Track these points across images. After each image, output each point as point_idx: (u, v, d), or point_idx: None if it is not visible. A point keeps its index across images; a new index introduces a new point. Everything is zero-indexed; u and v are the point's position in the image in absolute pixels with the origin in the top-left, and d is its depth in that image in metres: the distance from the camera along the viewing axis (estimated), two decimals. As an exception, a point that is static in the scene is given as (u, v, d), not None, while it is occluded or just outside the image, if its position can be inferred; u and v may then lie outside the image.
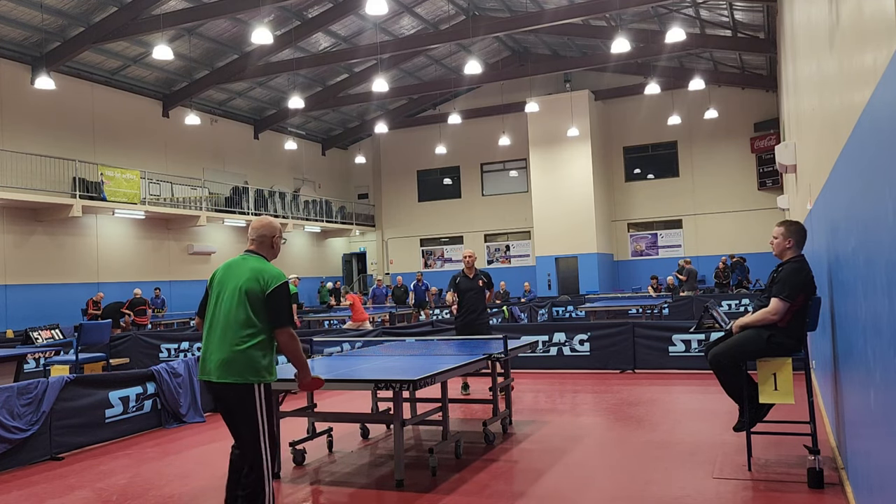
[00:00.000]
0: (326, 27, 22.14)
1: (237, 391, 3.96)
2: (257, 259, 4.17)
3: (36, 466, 6.45)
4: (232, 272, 4.12)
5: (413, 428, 7.42)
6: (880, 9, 2.43)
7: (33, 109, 19.77)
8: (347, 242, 34.03)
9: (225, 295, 4.06)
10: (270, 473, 4.04)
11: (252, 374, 3.97)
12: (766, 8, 18.68)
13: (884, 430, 2.76)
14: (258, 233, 4.25)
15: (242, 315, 3.98)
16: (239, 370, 3.95)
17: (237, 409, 4.00)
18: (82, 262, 20.67)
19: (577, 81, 28.70)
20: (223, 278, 4.13)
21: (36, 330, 15.18)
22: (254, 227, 4.28)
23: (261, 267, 4.09)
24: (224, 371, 3.95)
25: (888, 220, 2.45)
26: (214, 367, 3.98)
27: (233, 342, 3.96)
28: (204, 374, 4.06)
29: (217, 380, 3.97)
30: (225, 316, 4.01)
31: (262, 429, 4.01)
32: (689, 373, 10.28)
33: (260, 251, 4.24)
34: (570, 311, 20.67)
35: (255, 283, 4.01)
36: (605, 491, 5.10)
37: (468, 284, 9.24)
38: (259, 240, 4.24)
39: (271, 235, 4.26)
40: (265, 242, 4.25)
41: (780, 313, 4.95)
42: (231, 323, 3.99)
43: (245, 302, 3.99)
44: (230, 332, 3.98)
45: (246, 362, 3.96)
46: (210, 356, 4.02)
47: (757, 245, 25.50)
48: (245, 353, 3.96)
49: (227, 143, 26.82)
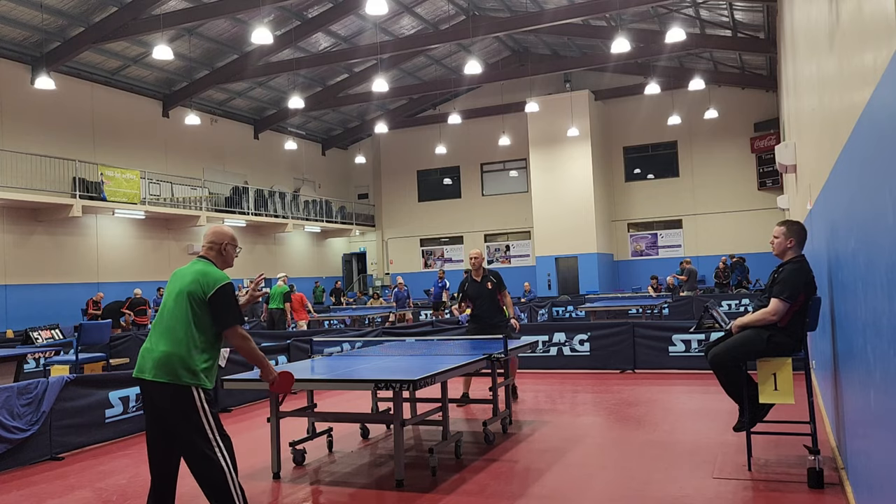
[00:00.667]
0: (326, 27, 22.14)
1: (172, 392, 3.85)
2: (203, 263, 4.14)
3: (36, 466, 6.45)
4: (177, 277, 4.11)
5: (413, 428, 7.42)
6: (880, 9, 2.43)
7: (33, 109, 19.77)
8: (347, 242, 34.03)
9: (169, 299, 4.02)
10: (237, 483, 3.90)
11: (188, 376, 3.87)
12: (766, 8, 18.68)
13: (884, 430, 2.76)
14: (208, 239, 4.24)
15: (182, 317, 3.93)
16: (174, 370, 3.85)
17: (173, 412, 3.86)
18: (82, 262, 20.67)
19: (577, 81, 28.70)
20: (170, 284, 4.12)
21: (36, 330, 15.17)
22: (205, 234, 4.30)
23: (204, 270, 4.05)
24: (159, 370, 3.86)
25: (888, 220, 2.45)
26: (150, 366, 3.89)
27: (171, 343, 3.89)
28: (139, 371, 3.96)
29: (151, 378, 3.86)
30: (167, 319, 3.97)
31: (211, 433, 3.88)
32: (689, 373, 10.27)
33: (208, 257, 4.20)
34: (570, 311, 20.67)
35: (196, 286, 3.97)
36: (605, 491, 5.10)
37: (477, 290, 8.47)
38: (208, 246, 4.23)
39: (220, 243, 4.21)
40: (213, 249, 4.21)
41: (780, 314, 4.95)
42: (172, 325, 3.93)
43: (185, 305, 3.94)
44: (169, 333, 3.92)
45: (181, 363, 3.86)
46: (147, 355, 3.95)
47: (757, 245, 25.50)
48: (181, 355, 3.88)
49: (227, 143, 26.82)
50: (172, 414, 3.87)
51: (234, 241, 4.29)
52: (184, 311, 3.95)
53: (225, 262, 4.25)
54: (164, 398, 3.87)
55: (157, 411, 3.92)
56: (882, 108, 2.45)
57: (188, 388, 3.86)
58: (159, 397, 3.88)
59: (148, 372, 3.90)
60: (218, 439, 3.91)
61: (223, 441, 3.94)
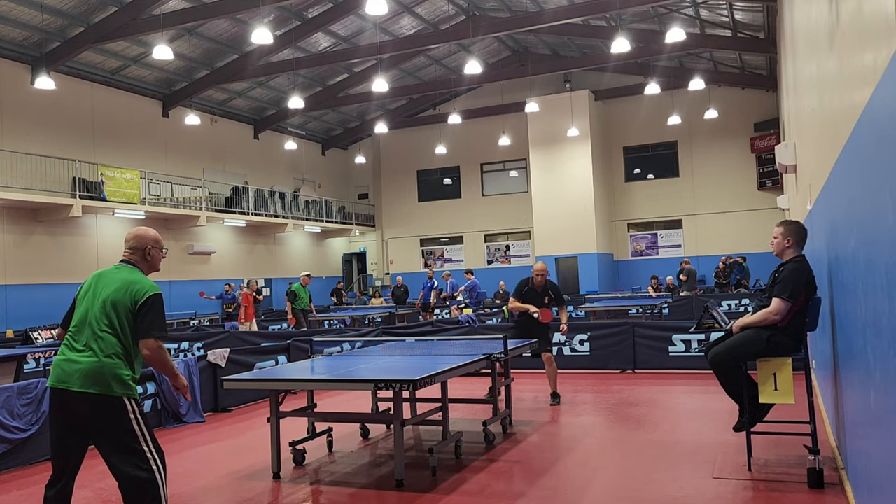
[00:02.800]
0: (326, 27, 22.14)
1: (102, 404, 3.71)
2: (129, 270, 4.01)
3: (36, 466, 6.45)
4: (103, 282, 3.95)
5: (413, 428, 7.42)
6: (880, 9, 2.43)
7: (33, 109, 19.76)
8: (347, 242, 34.03)
9: (93, 305, 3.87)
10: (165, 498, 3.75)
11: (119, 387, 3.76)
12: (766, 8, 18.67)
13: (884, 430, 2.76)
14: (130, 244, 4.10)
15: (110, 327, 3.81)
16: (105, 381, 3.72)
17: (103, 423, 3.72)
18: (82, 262, 20.66)
19: (577, 81, 28.70)
20: (94, 288, 3.94)
21: (36, 330, 15.19)
22: (128, 238, 4.13)
23: (132, 279, 3.93)
24: (87, 381, 3.70)
25: (888, 220, 2.45)
26: (77, 377, 3.71)
27: (100, 353, 3.76)
28: (60, 382, 3.74)
29: (78, 389, 3.69)
30: (91, 326, 3.82)
31: (145, 443, 3.76)
32: (689, 373, 10.28)
33: (132, 262, 4.08)
34: (570, 312, 20.66)
35: (124, 296, 3.86)
36: (605, 491, 5.10)
37: (533, 299, 8.46)
38: (130, 251, 4.09)
39: (143, 247, 4.08)
40: (136, 253, 4.09)
41: (783, 313, 4.96)
42: (98, 333, 3.79)
43: (113, 314, 3.83)
44: (96, 342, 3.78)
45: (112, 374, 3.75)
46: (69, 365, 3.75)
47: (757, 245, 25.49)
48: (112, 366, 3.76)
49: (227, 143, 26.82)
50: (101, 425, 3.73)
51: (158, 243, 4.16)
52: (112, 321, 3.83)
53: (151, 267, 4.13)
54: (94, 409, 3.72)
55: (78, 421, 3.75)
56: (882, 108, 2.45)
57: (120, 399, 3.75)
58: (86, 408, 3.71)
59: (74, 383, 3.71)
60: (152, 449, 3.78)
61: (158, 453, 3.80)
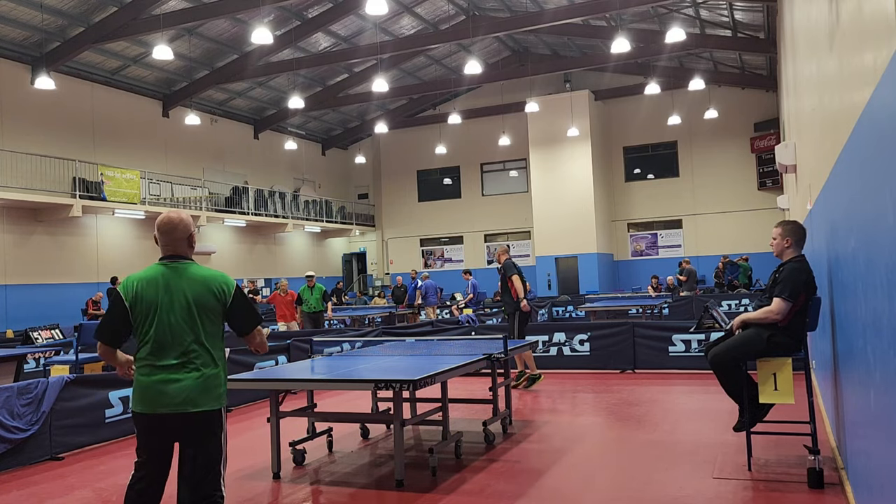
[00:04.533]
0: (326, 27, 22.14)
1: (210, 418, 3.50)
2: (191, 265, 3.61)
3: (36, 466, 6.45)
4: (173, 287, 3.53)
5: (413, 428, 7.42)
6: (880, 9, 2.43)
7: (33, 109, 19.77)
8: (347, 242, 34.03)
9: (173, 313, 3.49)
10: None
11: (223, 398, 3.59)
12: (766, 8, 18.68)
13: (884, 431, 2.76)
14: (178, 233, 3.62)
15: (202, 333, 3.51)
16: (212, 395, 3.51)
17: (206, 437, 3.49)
18: (82, 262, 20.66)
19: (577, 81, 28.70)
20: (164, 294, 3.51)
21: (36, 330, 15.18)
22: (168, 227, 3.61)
23: (207, 275, 3.58)
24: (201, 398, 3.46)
25: (888, 220, 2.45)
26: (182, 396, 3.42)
27: (201, 364, 3.49)
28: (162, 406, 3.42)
29: (194, 409, 3.43)
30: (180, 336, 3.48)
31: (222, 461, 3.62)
32: (689, 373, 10.28)
33: (184, 253, 3.64)
34: (570, 311, 20.67)
35: (206, 296, 3.53)
36: (605, 491, 5.10)
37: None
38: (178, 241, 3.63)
39: (189, 234, 3.66)
40: (184, 243, 3.65)
41: (783, 313, 4.97)
42: (189, 343, 3.48)
43: (204, 318, 3.52)
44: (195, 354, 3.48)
45: (216, 385, 3.53)
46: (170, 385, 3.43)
47: (757, 245, 25.49)
48: (216, 375, 3.54)
49: (227, 143, 26.82)
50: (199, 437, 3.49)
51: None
52: (200, 326, 3.51)
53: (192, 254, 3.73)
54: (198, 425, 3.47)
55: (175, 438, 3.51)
56: (882, 108, 2.45)
57: (219, 412, 3.55)
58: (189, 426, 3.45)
59: (189, 404, 3.42)
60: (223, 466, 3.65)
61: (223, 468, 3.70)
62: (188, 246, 3.65)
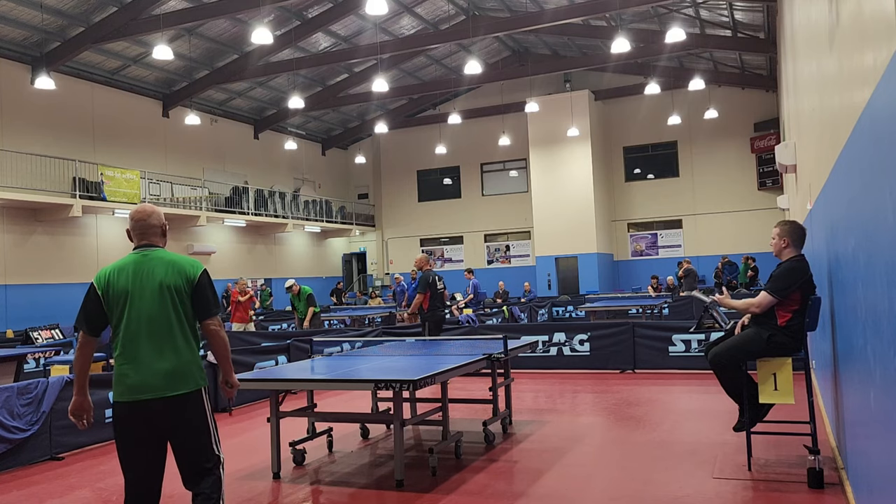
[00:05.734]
0: (326, 27, 22.14)
1: (192, 400, 3.55)
2: (161, 251, 3.72)
3: (36, 466, 6.46)
4: (143, 273, 3.60)
5: (413, 428, 7.42)
6: (880, 9, 2.43)
7: (33, 109, 19.76)
8: (347, 242, 34.03)
9: (145, 299, 3.56)
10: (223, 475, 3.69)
11: (201, 378, 3.64)
12: (766, 8, 18.67)
13: (884, 431, 2.76)
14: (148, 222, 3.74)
15: (176, 317, 3.57)
16: (193, 376, 3.58)
17: (192, 419, 3.55)
18: (82, 262, 20.66)
19: (577, 81, 28.70)
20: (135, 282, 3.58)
21: (36, 330, 15.19)
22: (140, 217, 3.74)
23: (173, 259, 3.68)
24: (179, 381, 3.52)
25: (888, 220, 2.45)
26: (162, 381, 3.49)
27: (177, 348, 3.56)
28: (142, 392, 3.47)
29: (173, 393, 3.49)
30: (154, 322, 3.54)
31: (214, 433, 3.65)
32: (689, 373, 10.28)
33: (155, 242, 3.75)
34: (570, 311, 20.67)
35: (176, 278, 3.60)
36: (605, 491, 5.10)
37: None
38: (151, 229, 3.74)
39: (161, 224, 3.79)
40: (157, 231, 3.77)
41: (764, 307, 5.04)
42: (164, 327, 3.55)
43: (171, 301, 3.57)
44: (168, 337, 3.55)
45: (195, 366, 3.61)
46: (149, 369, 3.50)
47: (757, 245, 25.49)
48: (191, 358, 3.60)
49: (227, 143, 26.81)
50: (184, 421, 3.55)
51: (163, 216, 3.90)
52: (178, 310, 3.59)
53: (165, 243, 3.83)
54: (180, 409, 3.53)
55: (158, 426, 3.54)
56: (882, 108, 2.45)
57: (200, 392, 3.61)
58: (170, 411, 3.51)
59: (160, 389, 3.48)
60: (218, 439, 3.69)
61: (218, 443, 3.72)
62: (161, 235, 3.78)
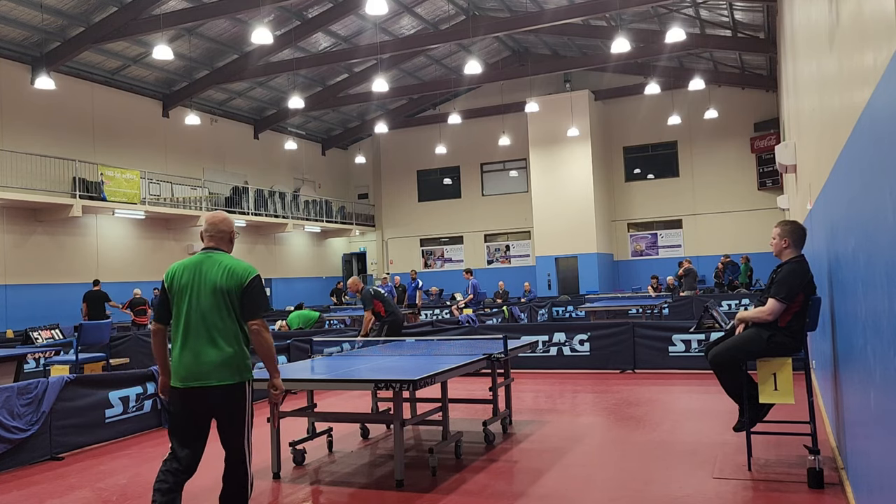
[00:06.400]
0: (326, 27, 22.14)
1: (231, 391, 3.95)
2: (223, 255, 4.16)
3: (36, 466, 6.45)
4: (203, 272, 4.04)
5: (413, 428, 7.42)
6: (880, 9, 2.43)
7: (33, 109, 19.76)
8: (347, 242, 34.03)
9: (202, 296, 3.98)
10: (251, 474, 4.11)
11: (247, 372, 4.04)
12: (766, 8, 18.67)
13: (884, 431, 2.76)
14: (217, 228, 4.20)
15: (227, 315, 3.98)
16: (238, 369, 3.97)
17: (232, 409, 3.98)
18: (82, 262, 20.66)
19: (577, 81, 28.70)
20: (195, 279, 4.03)
21: (36, 330, 15.18)
22: (212, 223, 4.22)
23: (232, 263, 4.08)
24: (224, 372, 3.93)
25: (888, 220, 2.45)
26: (209, 371, 3.91)
27: (225, 342, 3.95)
28: (192, 380, 3.92)
29: (217, 382, 3.91)
30: (207, 317, 3.96)
31: (248, 427, 4.05)
32: (689, 373, 10.28)
33: (221, 247, 4.21)
34: (570, 311, 20.67)
35: (229, 280, 4.00)
36: (605, 491, 5.10)
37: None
38: (220, 235, 4.21)
39: (229, 230, 4.26)
40: (224, 238, 4.23)
41: (776, 314, 4.98)
42: (218, 324, 3.95)
43: (224, 301, 3.97)
44: (218, 332, 3.95)
45: (241, 361, 3.99)
46: (196, 360, 3.92)
47: (757, 245, 25.49)
48: (238, 353, 3.98)
49: (227, 143, 26.82)
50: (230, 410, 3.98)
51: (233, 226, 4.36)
52: (226, 309, 3.98)
53: (231, 248, 4.29)
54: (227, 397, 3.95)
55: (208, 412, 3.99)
56: (882, 108, 2.45)
57: (243, 385, 4.00)
58: (220, 398, 3.94)
59: (212, 377, 3.91)
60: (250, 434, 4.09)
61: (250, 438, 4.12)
62: (227, 241, 4.24)
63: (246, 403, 4.02)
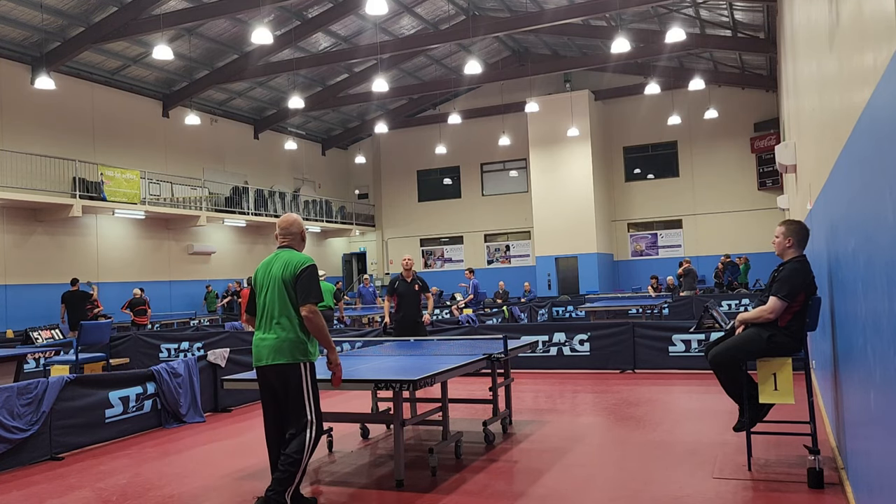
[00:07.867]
0: (326, 27, 22.14)
1: (288, 370, 4.58)
2: (286, 251, 4.82)
3: (36, 466, 6.45)
4: (272, 268, 4.74)
5: (413, 428, 7.42)
6: (880, 9, 2.43)
7: (33, 109, 19.76)
8: (347, 242, 34.03)
9: (271, 289, 4.68)
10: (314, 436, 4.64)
11: (300, 354, 4.61)
12: (766, 8, 18.68)
13: (884, 431, 2.76)
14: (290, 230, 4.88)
15: (285, 304, 4.60)
16: (289, 352, 4.58)
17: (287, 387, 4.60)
18: (82, 262, 20.66)
19: (577, 81, 28.70)
20: (268, 275, 4.74)
21: (36, 330, 15.19)
22: (284, 225, 4.89)
23: (290, 256, 4.74)
24: (275, 354, 4.58)
25: (888, 220, 2.45)
26: (267, 353, 4.61)
27: (280, 329, 4.58)
28: (257, 360, 4.67)
29: (269, 363, 4.59)
30: (271, 308, 4.64)
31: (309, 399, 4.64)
32: (689, 373, 10.27)
33: (291, 245, 4.88)
34: (570, 311, 20.67)
35: (286, 271, 4.64)
36: (605, 491, 5.10)
37: (406, 289, 9.82)
38: (291, 235, 4.88)
39: (300, 231, 4.94)
40: (295, 237, 4.90)
41: (777, 312, 4.97)
42: (277, 314, 4.61)
43: (283, 291, 4.61)
44: (278, 321, 4.61)
45: (293, 344, 4.59)
46: (261, 344, 4.65)
47: (757, 245, 25.50)
48: (290, 338, 4.58)
49: (227, 143, 26.82)
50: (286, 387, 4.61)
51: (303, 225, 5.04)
52: (284, 297, 4.61)
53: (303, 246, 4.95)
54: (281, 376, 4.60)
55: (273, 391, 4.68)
56: (882, 108, 2.45)
57: (297, 366, 4.60)
58: (275, 378, 4.62)
59: (265, 359, 4.61)
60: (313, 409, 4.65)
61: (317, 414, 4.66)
62: (299, 240, 4.93)
63: (302, 382, 4.60)
